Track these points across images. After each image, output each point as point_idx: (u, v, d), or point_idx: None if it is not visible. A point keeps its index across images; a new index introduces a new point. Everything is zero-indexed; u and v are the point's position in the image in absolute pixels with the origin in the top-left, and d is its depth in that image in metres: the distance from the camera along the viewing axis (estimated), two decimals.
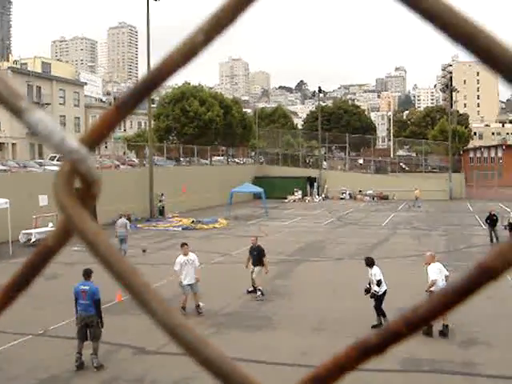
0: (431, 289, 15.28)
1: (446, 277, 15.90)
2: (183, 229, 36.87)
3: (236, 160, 75.60)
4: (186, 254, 17.31)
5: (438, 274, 15.71)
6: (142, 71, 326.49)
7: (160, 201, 44.14)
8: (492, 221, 30.55)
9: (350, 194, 65.07)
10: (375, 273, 16.01)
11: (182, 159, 60.29)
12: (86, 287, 13.07)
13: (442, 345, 14.26)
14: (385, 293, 15.92)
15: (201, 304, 17.27)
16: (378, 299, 15.81)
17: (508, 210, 40.68)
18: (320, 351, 13.69)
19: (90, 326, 12.80)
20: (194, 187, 50.26)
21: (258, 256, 19.67)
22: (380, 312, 15.72)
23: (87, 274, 13.39)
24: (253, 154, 78.16)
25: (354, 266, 24.27)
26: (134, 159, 58.49)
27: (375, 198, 62.99)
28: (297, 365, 12.92)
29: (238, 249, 28.39)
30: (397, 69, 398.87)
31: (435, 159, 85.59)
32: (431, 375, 12.35)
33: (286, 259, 26.03)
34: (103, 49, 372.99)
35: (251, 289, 19.49)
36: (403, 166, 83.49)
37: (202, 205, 50.28)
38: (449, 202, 60.26)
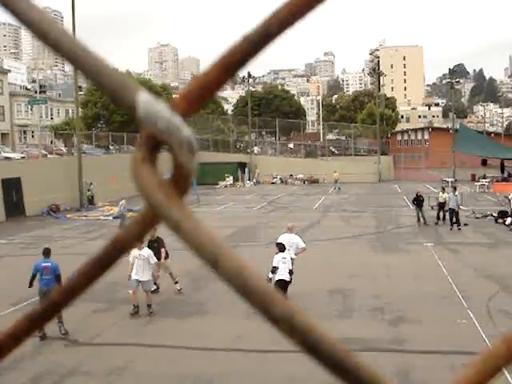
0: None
1: (303, 249, 17.74)
2: (114, 218, 36.35)
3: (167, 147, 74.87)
4: (139, 249, 15.99)
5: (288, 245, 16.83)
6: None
7: (88, 190, 43.43)
8: (419, 201, 31.28)
9: (280, 178, 65.52)
10: (274, 259, 15.39)
11: (111, 147, 59.42)
12: (47, 264, 14.36)
13: (372, 324, 14.56)
14: (279, 282, 14.99)
15: (131, 292, 16.95)
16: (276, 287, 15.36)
17: (435, 190, 41.78)
18: (253, 336, 13.79)
19: None
20: (125, 175, 49.30)
21: (158, 249, 17.64)
22: None
23: (47, 252, 14.68)
24: None
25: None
26: (62, 148, 57.38)
27: (306, 182, 63.61)
28: (230, 349, 12.98)
29: (169, 236, 28.22)
30: (325, 53, 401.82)
31: (364, 142, 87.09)
32: (363, 354, 12.58)
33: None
34: (27, 35, 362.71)
35: (176, 284, 18.16)
36: (333, 150, 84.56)
37: (133, 193, 49.65)
38: (378, 184, 61.42)
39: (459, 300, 16.44)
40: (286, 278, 15.05)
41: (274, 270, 15.05)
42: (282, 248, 15.74)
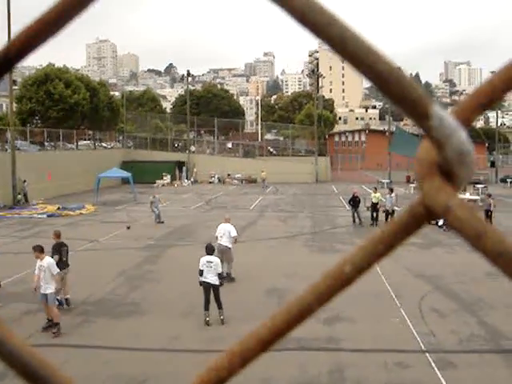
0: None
1: (233, 237, 19.80)
2: (48, 216, 35.68)
3: (103, 144, 73.91)
4: (39, 258, 14.54)
5: (222, 232, 19.95)
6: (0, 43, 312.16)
7: (22, 189, 42.50)
8: (355, 202, 31.72)
9: (218, 177, 65.45)
10: (200, 261, 15.16)
11: (46, 144, 58.21)
12: None
13: (307, 323, 14.59)
14: (204, 284, 14.90)
15: (68, 297, 16.67)
16: (204, 289, 14.91)
17: (370, 191, 42.44)
18: (188, 336, 13.75)
19: None
20: (60, 173, 48.72)
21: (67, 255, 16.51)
22: (206, 305, 14.82)
23: None
24: (121, 138, 76.77)
25: None
26: None
27: (243, 182, 63.72)
28: (167, 350, 12.90)
29: (106, 235, 27.91)
30: (265, 54, 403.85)
31: (302, 143, 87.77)
32: (298, 353, 12.68)
33: (155, 244, 25.86)
34: None
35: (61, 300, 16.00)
36: (271, 150, 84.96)
37: (69, 191, 48.87)
38: (315, 185, 62.00)
39: (392, 299, 16.75)
40: (212, 281, 14.82)
41: (200, 272, 14.91)
42: (209, 251, 15.45)
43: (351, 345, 13.09)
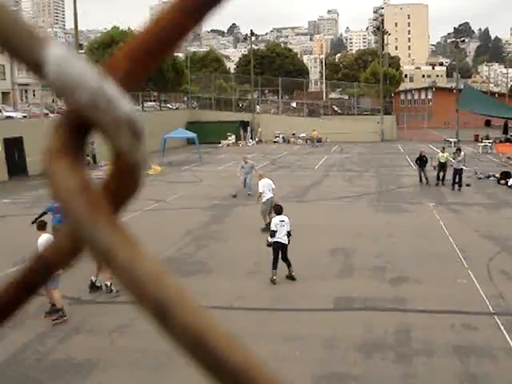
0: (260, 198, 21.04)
1: (273, 189, 21.17)
2: None
3: (168, 105, 74.61)
4: (39, 235, 13.13)
5: (265, 187, 21.03)
6: (69, 15, 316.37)
7: (90, 151, 43.36)
8: (422, 161, 31.19)
9: (283, 137, 65.28)
10: (272, 222, 15.30)
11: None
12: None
13: (373, 283, 14.65)
14: (277, 244, 14.90)
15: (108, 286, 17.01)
16: (275, 249, 14.90)
17: (437, 150, 41.68)
18: (255, 294, 13.91)
19: None
20: None
21: None
22: (273, 264, 14.75)
23: None
24: (185, 98, 77.23)
25: (288, 209, 24.54)
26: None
27: (308, 141, 63.39)
28: (233, 308, 13.09)
29: (173, 195, 28.32)
30: (329, 11, 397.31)
31: (367, 102, 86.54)
32: (363, 313, 12.70)
33: (221, 204, 26.09)
34: None
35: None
36: (336, 109, 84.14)
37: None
38: (380, 144, 61.23)
39: (460, 260, 16.52)
40: (284, 240, 14.92)
41: (273, 233, 14.94)
42: (279, 210, 15.62)
43: (418, 305, 13.01)
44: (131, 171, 0.48)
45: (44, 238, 12.68)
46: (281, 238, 14.92)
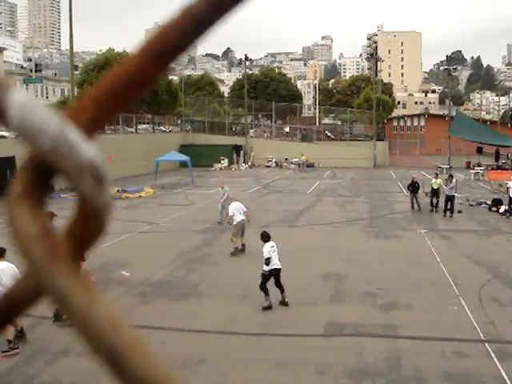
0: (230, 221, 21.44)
1: (245, 212, 21.45)
2: None
3: (162, 128, 74.76)
4: None
5: (235, 210, 21.24)
6: (64, 36, 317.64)
7: None
8: (414, 188, 31.28)
9: (276, 161, 65.43)
10: (264, 250, 14.96)
11: (106, 127, 59.21)
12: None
13: (364, 309, 14.61)
14: (274, 270, 14.78)
15: (125, 273, 17.07)
16: (265, 277, 14.74)
17: (429, 177, 41.83)
18: (246, 319, 13.84)
19: None
20: (120, 156, 49.33)
21: None
22: (264, 290, 14.55)
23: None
24: (179, 122, 77.44)
25: (279, 234, 24.54)
26: None
27: (301, 166, 63.55)
28: (223, 332, 13.02)
29: (165, 217, 28.27)
30: (323, 37, 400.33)
31: (360, 128, 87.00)
32: (354, 339, 12.65)
33: (213, 227, 26.06)
34: (23, 13, 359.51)
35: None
36: (328, 134, 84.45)
37: (128, 174, 49.56)
38: (373, 170, 61.41)
39: (451, 287, 16.50)
40: (279, 265, 14.85)
41: (268, 261, 14.74)
42: (267, 237, 15.36)
43: (408, 332, 12.97)
44: (95, 215, 0.47)
45: (1, 266, 11.89)
46: (276, 263, 14.81)
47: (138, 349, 0.45)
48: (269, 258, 14.75)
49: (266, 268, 14.78)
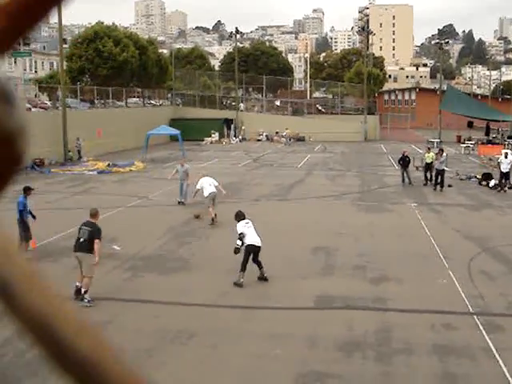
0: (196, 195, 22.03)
1: (216, 186, 22.01)
2: (99, 172, 36.22)
3: (152, 102, 74.33)
4: None
5: (204, 183, 21.81)
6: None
7: (76, 146, 43.15)
8: (405, 162, 31.31)
9: (266, 135, 65.27)
10: (237, 227, 14.85)
11: (96, 101, 58.84)
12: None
13: (354, 282, 14.68)
14: (251, 247, 14.54)
15: (116, 247, 17.09)
16: (248, 252, 14.52)
17: (420, 151, 41.89)
18: (236, 292, 13.89)
19: None
20: (110, 130, 49.19)
21: (89, 237, 13.19)
22: (243, 266, 14.33)
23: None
24: (169, 95, 76.97)
25: (271, 207, 24.59)
26: (47, 102, 56.70)
27: (291, 140, 63.43)
28: (214, 305, 13.07)
29: (155, 191, 28.22)
30: (314, 10, 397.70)
31: (351, 101, 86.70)
32: (344, 312, 12.73)
33: (203, 201, 25.99)
34: None
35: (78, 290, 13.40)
36: (319, 108, 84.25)
37: (118, 148, 49.39)
38: (363, 144, 61.41)
39: (440, 260, 16.60)
40: (258, 243, 14.53)
41: (241, 236, 14.52)
42: (241, 216, 15.18)
43: (398, 305, 13.06)
44: (6, 141, 0.42)
45: None
46: (254, 240, 14.54)
47: (30, 280, 0.41)
48: (242, 233, 14.53)
49: (238, 242, 14.57)
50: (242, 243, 14.55)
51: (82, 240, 13.24)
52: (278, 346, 10.93)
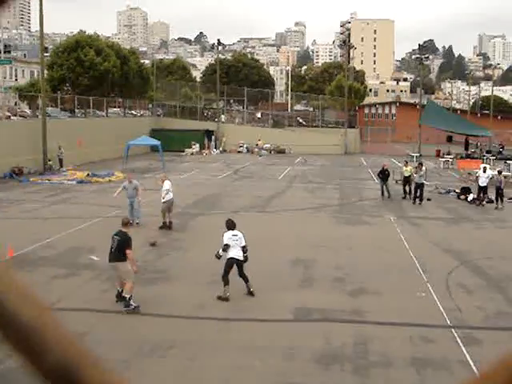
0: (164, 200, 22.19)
1: (168, 190, 22.24)
2: (78, 182, 35.99)
3: (133, 112, 74.15)
4: None
5: (168, 188, 22.29)
6: (34, 17, 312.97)
7: (58, 155, 42.87)
8: (384, 175, 31.47)
9: (247, 147, 65.34)
10: (224, 237, 14.54)
11: (77, 111, 58.57)
12: None
13: (332, 295, 14.69)
14: (233, 260, 14.32)
15: (94, 257, 16.97)
16: (228, 266, 14.29)
17: (400, 164, 42.12)
18: (215, 304, 13.83)
19: None
20: (90, 140, 48.92)
21: (118, 246, 13.65)
22: (225, 280, 14.11)
23: None
24: (150, 106, 76.84)
25: (249, 219, 24.55)
26: (27, 110, 56.39)
27: (272, 152, 63.55)
28: (192, 317, 13.00)
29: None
30: (296, 23, 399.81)
31: (332, 114, 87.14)
32: (322, 324, 12.72)
33: (183, 212, 25.95)
34: None
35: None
36: (300, 121, 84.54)
37: (98, 158, 49.12)
38: (344, 157, 61.65)
39: (419, 273, 16.67)
40: (239, 256, 14.32)
41: (226, 248, 14.31)
42: (230, 225, 14.90)
43: (376, 318, 13.08)
44: None
45: None
46: (235, 254, 14.32)
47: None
48: (227, 245, 14.32)
49: (220, 252, 14.41)
50: (223, 254, 14.45)
51: (113, 250, 13.70)
52: (257, 358, 10.89)
